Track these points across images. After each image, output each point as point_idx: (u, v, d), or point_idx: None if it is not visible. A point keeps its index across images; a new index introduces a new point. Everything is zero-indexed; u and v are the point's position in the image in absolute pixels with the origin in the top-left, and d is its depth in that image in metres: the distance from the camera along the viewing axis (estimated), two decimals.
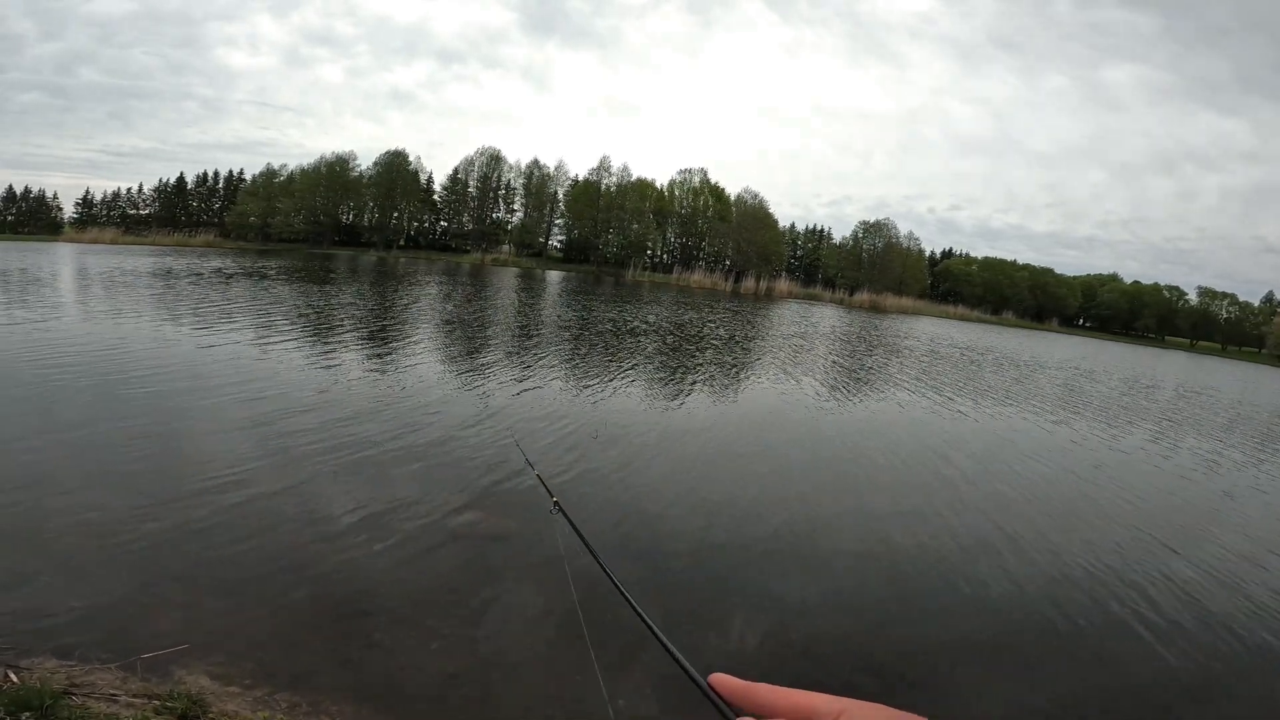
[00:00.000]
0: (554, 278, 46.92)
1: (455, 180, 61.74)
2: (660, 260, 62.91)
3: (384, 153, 59.89)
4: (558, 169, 62.03)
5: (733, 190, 62.19)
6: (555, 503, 1.81)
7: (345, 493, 5.40)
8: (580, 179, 61.20)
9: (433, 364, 11.16)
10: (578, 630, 3.93)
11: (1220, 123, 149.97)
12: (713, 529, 5.55)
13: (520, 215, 62.49)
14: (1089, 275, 76.62)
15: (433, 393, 8.99)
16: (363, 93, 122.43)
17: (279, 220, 56.07)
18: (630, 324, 20.55)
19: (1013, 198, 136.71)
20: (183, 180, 60.67)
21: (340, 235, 59.81)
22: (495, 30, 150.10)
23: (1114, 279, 75.23)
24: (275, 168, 59.41)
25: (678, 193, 61.63)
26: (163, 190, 60.02)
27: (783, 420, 10.03)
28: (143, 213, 59.27)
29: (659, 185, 61.35)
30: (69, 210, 57.98)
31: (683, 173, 62.18)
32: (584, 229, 59.37)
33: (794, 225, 70.38)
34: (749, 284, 55.16)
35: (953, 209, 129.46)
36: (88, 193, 59.30)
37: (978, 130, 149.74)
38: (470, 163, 61.43)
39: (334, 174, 58.35)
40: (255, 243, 54.84)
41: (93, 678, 2.97)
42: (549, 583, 4.28)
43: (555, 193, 61.80)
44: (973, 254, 75.31)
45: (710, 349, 17.27)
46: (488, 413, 8.13)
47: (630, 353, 14.64)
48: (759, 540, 5.43)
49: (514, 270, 50.81)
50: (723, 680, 0.50)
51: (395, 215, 60.89)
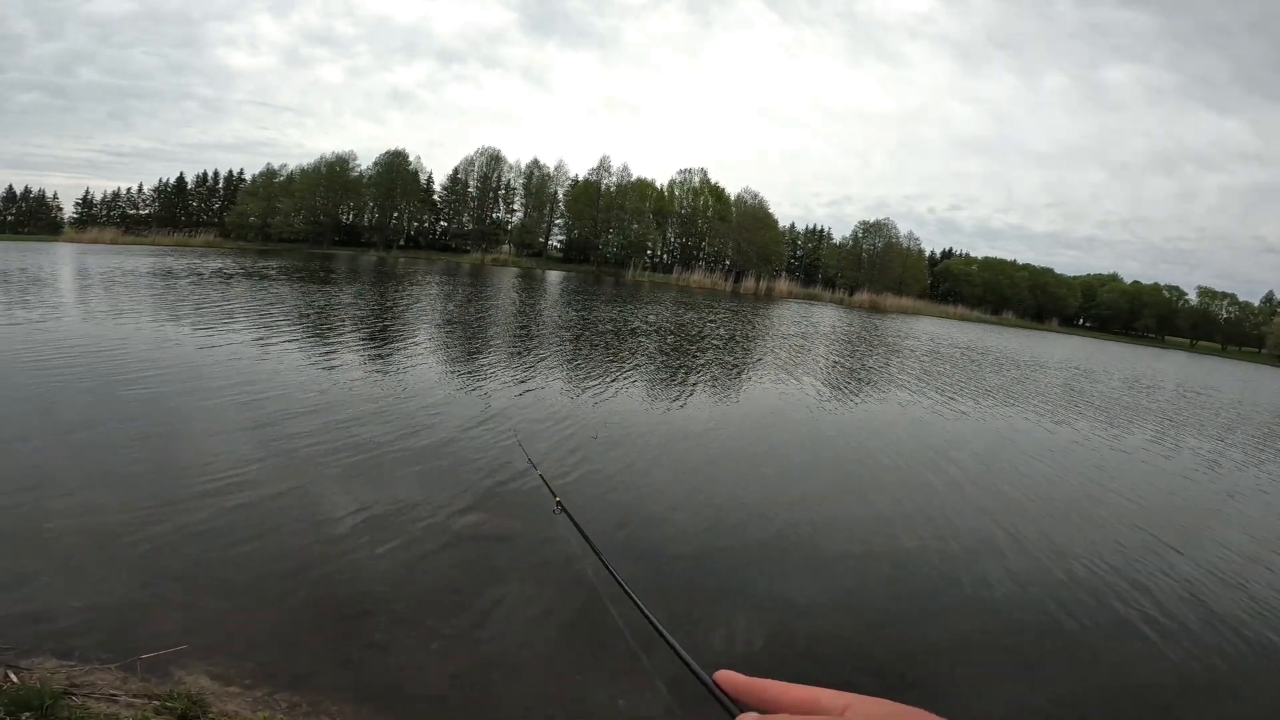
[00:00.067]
0: (554, 278, 46.92)
1: (455, 180, 61.79)
2: (660, 260, 62.93)
3: (384, 153, 60.10)
4: (558, 169, 62.15)
5: (733, 190, 62.36)
6: (558, 503, 1.80)
7: (347, 494, 5.39)
8: (580, 179, 61.25)
9: (434, 364, 11.16)
10: (580, 630, 3.94)
11: (1220, 123, 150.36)
12: (715, 530, 5.54)
13: (520, 215, 62.55)
14: (1089, 275, 76.70)
15: (434, 393, 8.98)
16: (363, 93, 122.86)
17: (279, 220, 56.12)
18: (631, 324, 20.55)
19: (1013, 198, 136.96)
20: (183, 180, 60.80)
21: (340, 235, 59.84)
22: (495, 30, 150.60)
23: (1114, 279, 75.26)
24: (275, 168, 59.62)
25: (678, 193, 61.65)
26: (163, 190, 60.08)
27: (784, 420, 10.02)
28: (143, 213, 59.34)
29: (659, 185, 61.48)
30: (69, 210, 58.21)
31: (683, 173, 62.32)
32: (584, 229, 59.37)
33: (794, 225, 70.62)
34: (749, 284, 55.18)
35: (953, 209, 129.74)
36: (88, 193, 59.48)
37: (978, 130, 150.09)
38: (470, 163, 61.54)
39: (334, 174, 58.39)
40: (255, 243, 54.87)
41: (93, 678, 2.96)
42: (552, 583, 4.27)
43: (555, 193, 61.81)
44: (973, 254, 75.55)
45: (711, 349, 17.26)
46: (489, 413, 8.12)
47: (631, 353, 14.63)
48: (761, 541, 5.42)
49: (514, 270, 50.81)
50: (728, 676, 0.50)
51: (395, 215, 60.91)
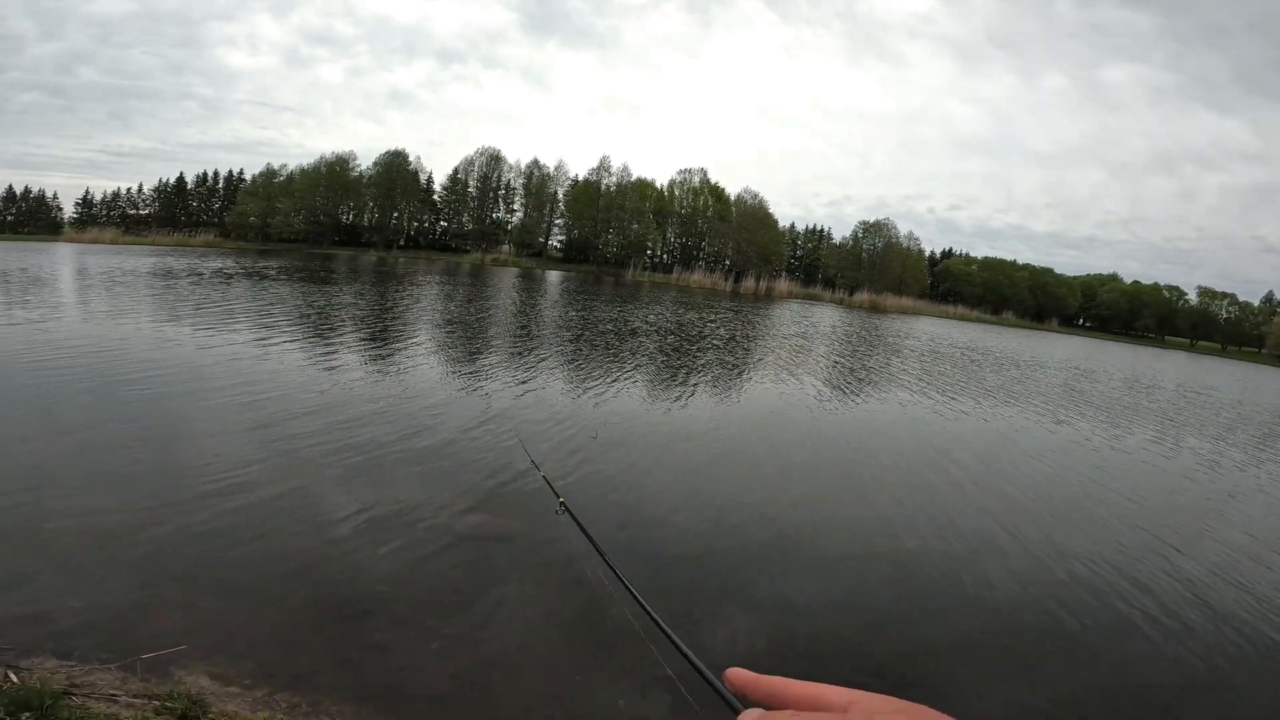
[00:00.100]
0: (554, 278, 46.91)
1: (455, 180, 61.73)
2: (660, 260, 62.89)
3: (384, 153, 60.00)
4: (558, 169, 62.07)
5: (733, 190, 62.29)
6: (561, 503, 1.80)
7: (347, 494, 5.38)
8: (580, 179, 61.18)
9: (434, 365, 11.15)
10: (581, 631, 3.93)
11: (1220, 123, 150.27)
12: (716, 530, 5.54)
13: (520, 215, 62.48)
14: (1089, 275, 76.62)
15: (435, 394, 8.97)
16: (363, 93, 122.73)
17: (279, 220, 56.08)
18: (631, 324, 20.54)
19: (1012, 198, 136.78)
20: (183, 180, 60.74)
21: (340, 235, 59.81)
22: (495, 30, 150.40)
23: (1114, 279, 75.21)
24: (275, 168, 59.53)
25: (678, 193, 61.61)
26: (162, 190, 60.04)
27: (785, 420, 10.02)
28: (142, 213, 59.28)
29: (659, 185, 61.41)
30: (69, 210, 58.13)
31: (683, 173, 62.24)
32: (584, 229, 59.33)
33: (794, 225, 70.51)
34: (749, 284, 55.15)
35: (952, 209, 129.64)
36: (87, 193, 59.42)
37: (977, 130, 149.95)
38: (470, 163, 61.46)
39: (334, 174, 58.34)
40: (255, 243, 54.84)
41: (93, 678, 2.96)
42: (552, 583, 4.27)
43: (555, 193, 61.75)
44: (972, 254, 75.45)
45: (711, 349, 17.25)
46: (490, 414, 8.12)
47: (632, 353, 14.63)
48: (763, 541, 5.41)
49: (514, 270, 50.80)
50: (735, 673, 0.51)
51: (395, 215, 60.87)
